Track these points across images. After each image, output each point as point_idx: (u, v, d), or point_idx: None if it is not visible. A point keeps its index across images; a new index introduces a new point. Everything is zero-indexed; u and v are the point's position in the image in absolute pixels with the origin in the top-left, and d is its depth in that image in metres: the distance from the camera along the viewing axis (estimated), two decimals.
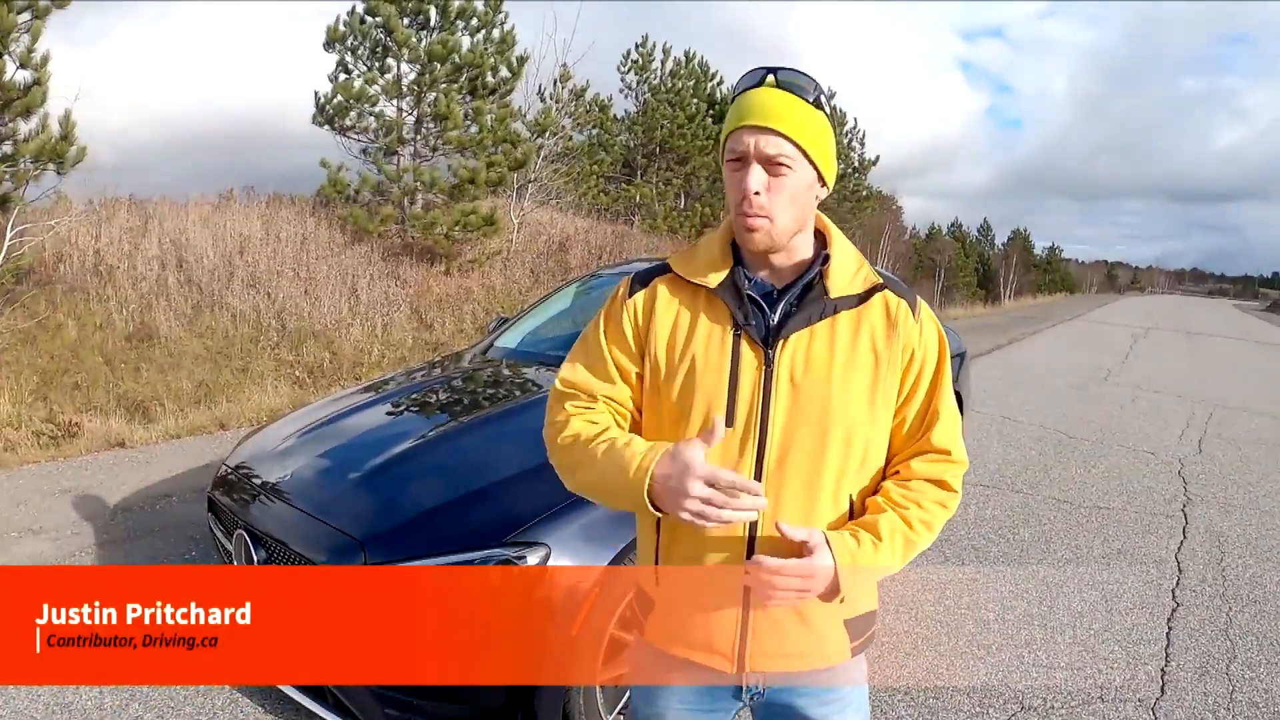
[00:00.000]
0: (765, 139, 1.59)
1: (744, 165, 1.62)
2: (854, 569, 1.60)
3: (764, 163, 1.60)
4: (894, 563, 1.66)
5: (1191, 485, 7.63)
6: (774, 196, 1.61)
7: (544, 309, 5.88)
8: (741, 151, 1.61)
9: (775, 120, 1.60)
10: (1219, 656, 4.36)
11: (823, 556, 1.57)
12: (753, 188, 1.60)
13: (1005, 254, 68.07)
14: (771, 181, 1.61)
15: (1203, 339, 27.62)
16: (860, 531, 1.63)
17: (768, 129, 1.59)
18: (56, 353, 10.10)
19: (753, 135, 1.60)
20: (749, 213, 1.61)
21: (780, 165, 1.60)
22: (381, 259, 14.88)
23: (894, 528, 1.65)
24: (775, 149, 1.59)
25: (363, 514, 3.26)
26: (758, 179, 1.60)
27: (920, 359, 1.71)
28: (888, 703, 3.77)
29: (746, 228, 1.63)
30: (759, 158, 1.60)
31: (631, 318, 1.76)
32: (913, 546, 1.69)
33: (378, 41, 15.04)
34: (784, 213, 1.63)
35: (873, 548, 1.62)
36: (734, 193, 1.64)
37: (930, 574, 5.26)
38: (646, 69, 26.52)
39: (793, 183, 1.62)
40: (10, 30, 9.34)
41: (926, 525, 1.70)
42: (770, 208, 1.61)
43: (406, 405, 4.44)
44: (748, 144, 1.60)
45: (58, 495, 6.16)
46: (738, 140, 1.62)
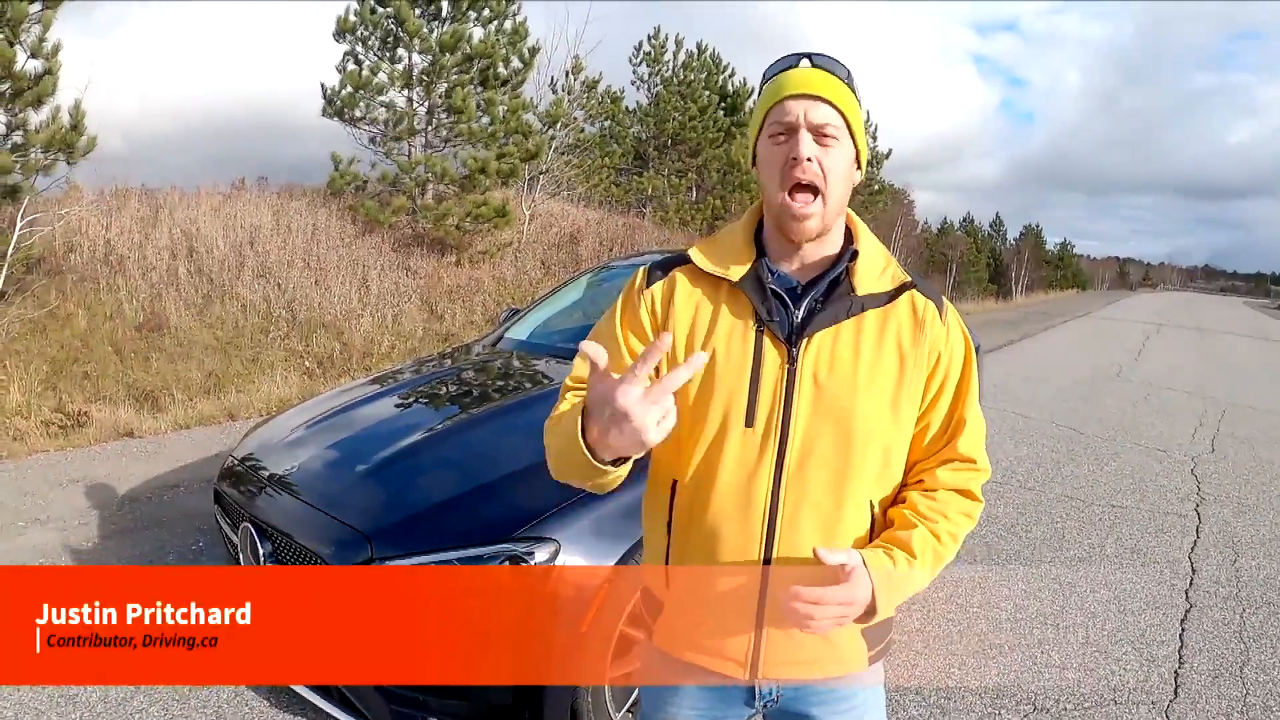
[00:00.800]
0: (814, 107, 1.54)
1: (790, 136, 1.55)
2: (891, 589, 1.54)
3: (814, 131, 1.54)
4: (925, 578, 1.62)
5: (1205, 484, 7.58)
6: (826, 167, 1.55)
7: (555, 301, 5.86)
8: (789, 121, 1.55)
9: (823, 90, 1.54)
10: (1232, 659, 4.32)
11: (861, 579, 1.51)
12: (805, 153, 1.53)
13: (1017, 249, 67.92)
14: (821, 152, 1.55)
15: (1215, 336, 27.52)
16: (894, 550, 1.57)
17: (817, 96, 1.54)
18: (66, 342, 10.10)
19: (801, 104, 1.54)
20: (803, 180, 1.54)
21: (829, 136, 1.54)
22: (392, 250, 14.88)
23: (925, 542, 1.59)
24: (824, 118, 1.54)
25: (370, 507, 3.23)
26: (809, 145, 1.53)
27: (946, 363, 1.65)
28: (900, 703, 3.74)
29: (795, 214, 1.56)
30: (809, 126, 1.54)
31: (649, 307, 1.69)
32: (941, 560, 1.64)
33: (389, 32, 15.02)
34: (835, 188, 1.57)
35: (908, 565, 1.56)
36: (778, 165, 1.57)
37: (943, 573, 5.24)
38: (658, 61, 26.52)
39: (841, 156, 1.57)
40: (22, 20, 9.33)
41: (953, 537, 1.65)
42: (823, 179, 1.55)
43: (416, 397, 4.41)
44: (796, 113, 1.54)
45: (66, 485, 6.16)
46: (783, 111, 1.55)
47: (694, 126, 25.83)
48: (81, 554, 4.97)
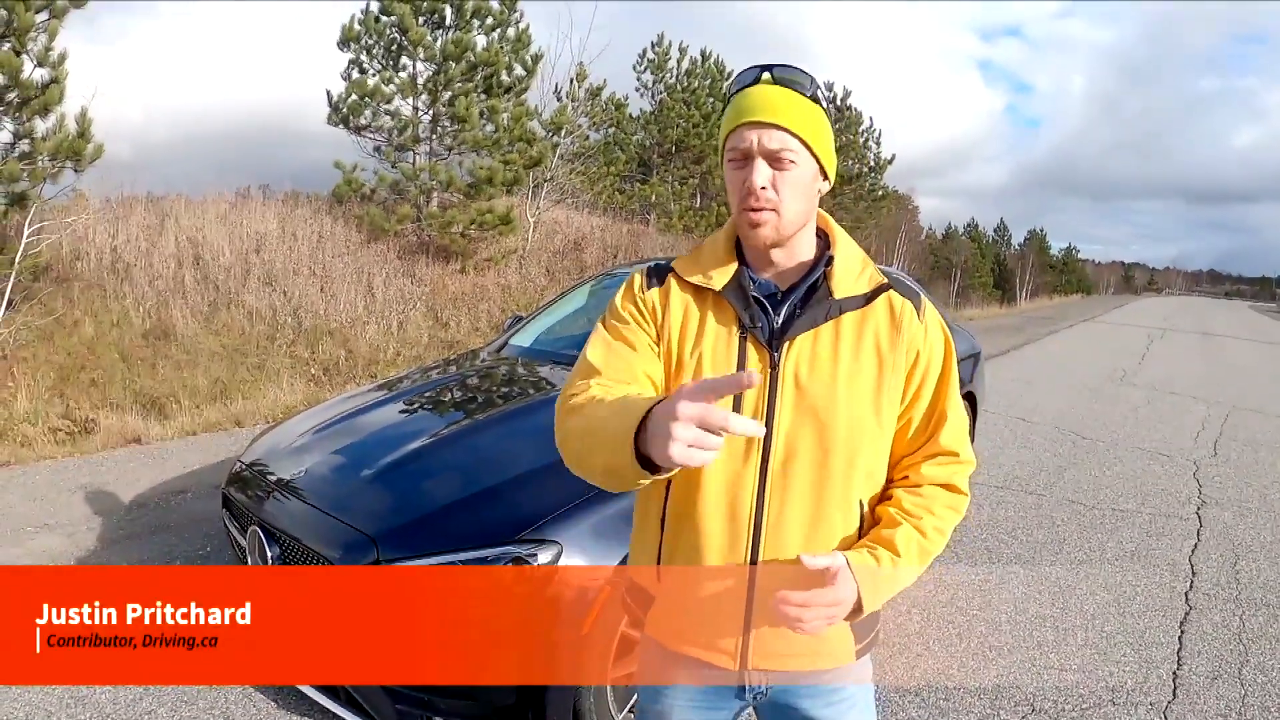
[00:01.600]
0: (768, 134, 1.58)
1: (747, 162, 1.60)
2: (876, 588, 1.59)
3: (768, 158, 1.59)
4: (911, 575, 1.66)
5: (1206, 488, 7.60)
6: (781, 190, 1.60)
7: (559, 308, 5.90)
8: (744, 149, 1.59)
9: (777, 115, 1.58)
10: (1231, 660, 4.35)
11: (846, 580, 1.56)
12: (758, 183, 1.58)
13: (1021, 254, 67.89)
14: (776, 176, 1.59)
15: (1219, 340, 27.48)
16: (878, 549, 1.62)
17: (770, 124, 1.58)
18: (73, 349, 10.16)
19: (755, 131, 1.58)
20: (754, 206, 1.60)
21: (784, 160, 1.59)
22: (397, 257, 14.92)
23: (909, 540, 1.64)
24: (779, 144, 1.58)
25: (376, 511, 3.27)
26: (763, 174, 1.58)
27: (926, 360, 1.70)
28: (899, 703, 3.77)
29: (751, 223, 1.61)
30: (763, 153, 1.59)
31: (649, 308, 1.74)
32: (928, 555, 1.68)
33: (392, 40, 15.08)
34: (790, 205, 1.61)
35: (892, 565, 1.61)
36: (737, 190, 1.63)
37: (943, 575, 5.29)
38: (662, 68, 26.55)
39: (797, 176, 1.61)
40: (28, 29, 9.39)
41: (939, 531, 1.69)
42: (778, 200, 1.60)
43: (421, 403, 4.46)
44: (750, 140, 1.59)
45: (73, 491, 6.20)
46: (739, 138, 1.60)
47: (698, 133, 25.87)
48: (89, 558, 5.01)
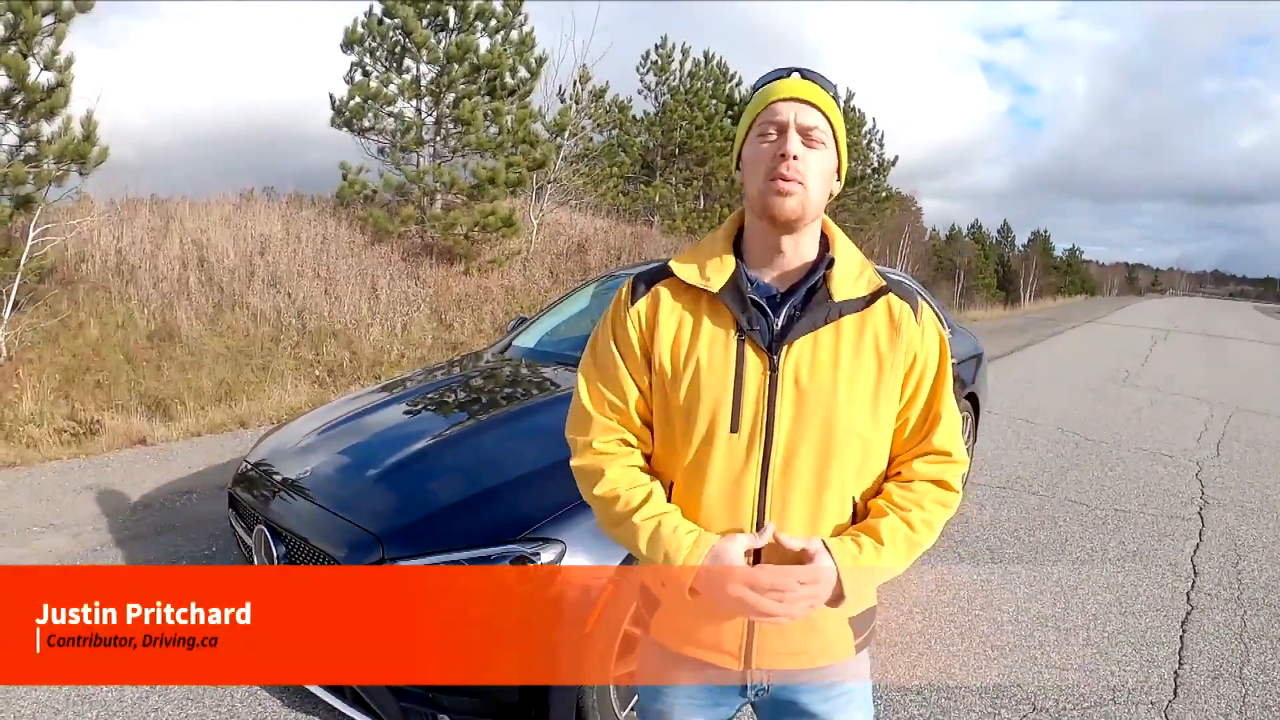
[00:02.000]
0: (804, 110, 1.62)
1: (780, 135, 1.62)
2: (856, 573, 1.61)
3: (801, 133, 1.62)
4: (896, 564, 1.67)
5: (1209, 488, 7.61)
6: (809, 167, 1.62)
7: (562, 309, 5.91)
8: (780, 121, 1.62)
9: (813, 97, 1.64)
10: (1232, 659, 4.36)
11: (824, 562, 1.59)
12: (793, 150, 1.60)
13: (1025, 256, 67.86)
14: (807, 153, 1.62)
15: (1223, 341, 27.45)
16: (861, 536, 1.65)
17: (807, 101, 1.63)
18: (79, 351, 10.19)
19: (791, 106, 1.62)
20: (786, 175, 1.60)
21: (815, 139, 1.62)
22: (401, 259, 14.95)
23: (895, 530, 1.66)
24: (813, 121, 1.62)
25: (381, 510, 3.29)
26: (797, 144, 1.61)
27: (922, 362, 1.72)
28: (900, 702, 3.79)
29: (780, 190, 1.61)
30: (798, 127, 1.61)
31: (636, 325, 1.76)
32: (915, 547, 1.70)
33: (396, 43, 15.12)
34: (815, 186, 1.63)
35: (874, 552, 1.63)
36: (765, 161, 1.63)
37: (945, 575, 5.30)
38: (665, 70, 26.59)
39: (824, 159, 1.64)
40: (35, 33, 9.42)
41: (928, 525, 1.71)
42: (805, 174, 1.61)
43: (425, 404, 4.47)
44: (786, 115, 1.62)
45: (79, 491, 6.23)
46: (773, 112, 1.63)
47: (701, 135, 25.90)
48: (95, 559, 5.03)
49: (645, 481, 1.73)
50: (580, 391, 1.81)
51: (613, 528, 1.74)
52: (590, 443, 1.77)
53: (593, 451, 1.77)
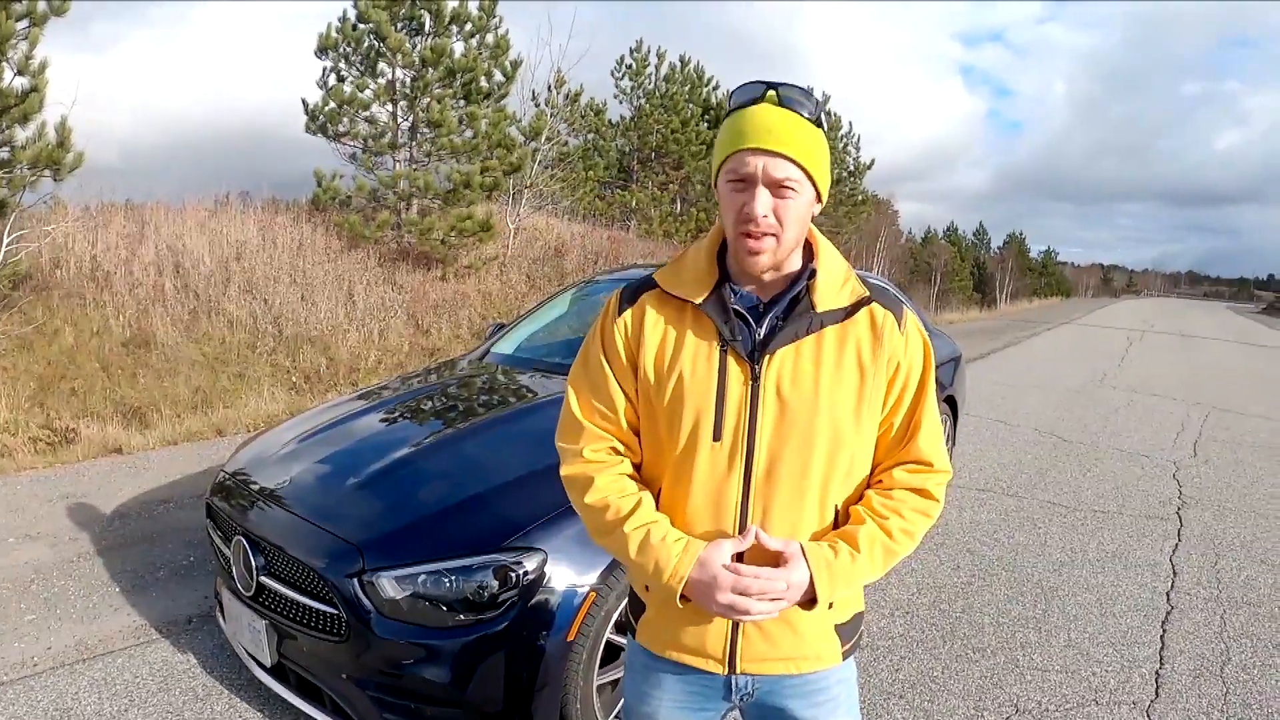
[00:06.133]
0: (774, 163, 1.57)
1: (749, 187, 1.59)
2: (831, 578, 1.62)
3: (771, 186, 1.58)
4: (873, 572, 1.69)
5: (1186, 488, 7.66)
6: (782, 217, 1.60)
7: (540, 315, 5.90)
8: (747, 174, 1.58)
9: (782, 144, 1.57)
10: (1213, 659, 4.38)
11: (797, 566, 1.61)
12: (760, 211, 1.58)
13: (1001, 258, 68.20)
14: (778, 204, 1.59)
15: (1198, 342, 27.68)
16: (839, 542, 1.66)
17: (776, 153, 1.57)
18: (53, 359, 10.10)
19: (759, 158, 1.57)
20: (755, 234, 1.60)
21: (786, 189, 1.58)
22: (378, 264, 14.91)
23: (873, 538, 1.67)
24: (783, 173, 1.57)
25: (361, 520, 3.26)
26: (764, 203, 1.58)
27: (905, 371, 1.73)
28: (883, 705, 3.79)
29: (750, 250, 1.61)
30: (766, 181, 1.58)
31: (622, 334, 1.77)
32: (893, 555, 1.71)
33: (370, 47, 15.05)
34: (790, 231, 1.62)
35: (850, 559, 1.64)
36: (736, 214, 1.62)
37: (925, 578, 5.33)
38: (641, 74, 26.62)
39: (798, 204, 1.61)
40: (8, 37, 9.35)
41: (907, 534, 1.71)
42: (778, 227, 1.60)
43: (403, 412, 4.45)
44: (754, 167, 1.57)
45: (55, 501, 6.17)
46: (741, 161, 1.59)
47: (677, 139, 25.94)
48: (72, 569, 4.99)
49: (634, 490, 1.75)
50: (570, 401, 1.83)
51: (602, 536, 1.75)
52: (580, 451, 1.79)
53: (583, 460, 1.78)
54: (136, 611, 4.51)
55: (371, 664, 2.97)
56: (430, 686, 2.90)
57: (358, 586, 2.97)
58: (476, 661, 2.87)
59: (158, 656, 4.05)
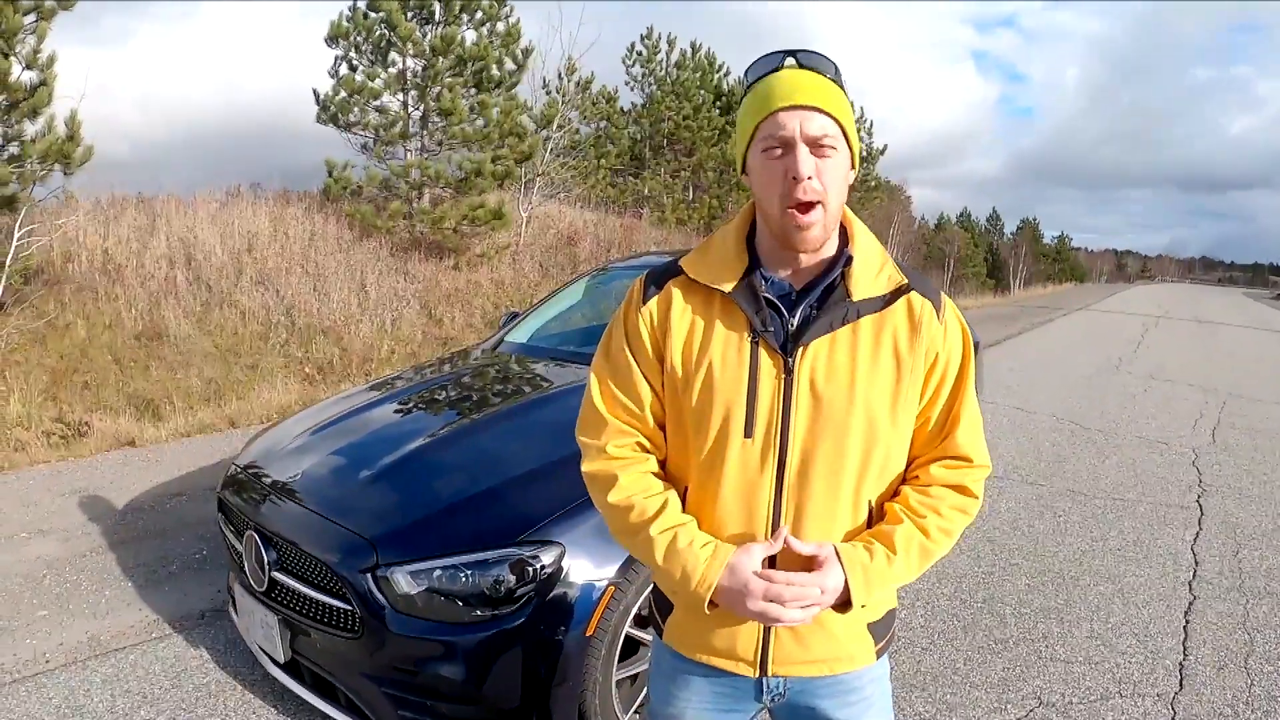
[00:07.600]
0: (810, 118, 1.48)
1: (788, 151, 1.49)
2: (867, 582, 1.55)
3: (811, 145, 1.49)
4: (909, 573, 1.61)
5: (1206, 476, 7.59)
6: (825, 180, 1.50)
7: (554, 304, 5.85)
8: (784, 136, 1.48)
9: (815, 99, 1.49)
10: (1237, 650, 4.32)
11: (832, 570, 1.53)
12: (805, 172, 1.47)
13: (1014, 243, 67.96)
14: (820, 166, 1.49)
15: (1214, 327, 27.52)
16: (874, 544, 1.58)
17: (812, 107, 1.48)
18: (65, 352, 10.09)
19: (795, 115, 1.48)
20: (803, 199, 1.49)
21: (826, 147, 1.49)
22: (390, 254, 14.88)
23: (910, 538, 1.59)
24: (821, 129, 1.48)
25: (375, 513, 3.22)
26: (808, 163, 1.48)
27: (944, 362, 1.63)
28: (905, 698, 3.74)
29: (800, 224, 1.51)
30: (806, 139, 1.48)
31: (648, 324, 1.68)
32: (930, 555, 1.63)
33: (381, 36, 15.00)
34: (834, 197, 1.52)
35: (886, 561, 1.57)
36: (777, 182, 1.51)
37: (945, 568, 5.26)
38: (652, 61, 26.58)
39: (838, 164, 1.52)
40: (16, 31, 9.33)
41: (945, 532, 1.63)
42: (824, 191, 1.50)
43: (417, 402, 4.41)
44: (791, 127, 1.47)
45: (68, 495, 6.16)
46: (775, 124, 1.49)
47: (689, 126, 25.89)
48: (85, 564, 4.97)
49: (660, 490, 1.66)
50: (593, 392, 1.74)
51: (625, 537, 1.68)
52: (603, 447, 1.70)
53: (606, 456, 1.70)
54: (149, 606, 4.48)
55: (386, 660, 2.93)
56: (446, 683, 2.86)
57: (371, 582, 2.93)
58: (493, 657, 2.83)
59: (170, 652, 4.03)
